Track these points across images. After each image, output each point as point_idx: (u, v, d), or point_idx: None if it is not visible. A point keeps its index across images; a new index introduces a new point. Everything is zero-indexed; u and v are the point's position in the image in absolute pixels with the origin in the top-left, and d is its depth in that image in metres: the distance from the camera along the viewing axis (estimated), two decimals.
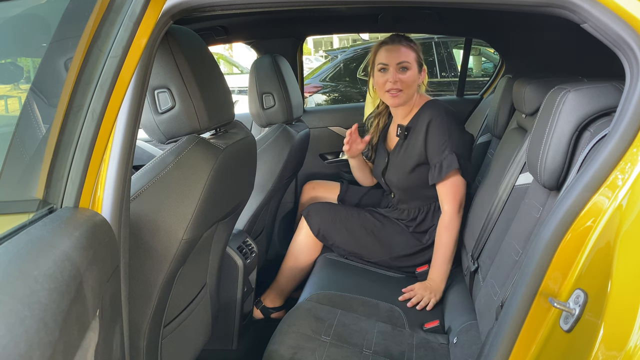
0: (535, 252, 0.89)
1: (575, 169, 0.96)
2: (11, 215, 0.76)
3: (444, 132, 1.72)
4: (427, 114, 1.77)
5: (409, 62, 1.77)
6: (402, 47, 1.78)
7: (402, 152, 1.85)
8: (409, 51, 1.78)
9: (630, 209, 0.76)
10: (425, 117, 1.77)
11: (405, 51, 1.78)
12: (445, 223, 1.74)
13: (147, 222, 1.01)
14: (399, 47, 1.78)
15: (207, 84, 1.12)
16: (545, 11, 0.87)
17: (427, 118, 1.76)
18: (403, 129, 1.83)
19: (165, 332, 1.17)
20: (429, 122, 1.74)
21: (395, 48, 1.78)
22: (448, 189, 1.74)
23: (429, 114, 1.76)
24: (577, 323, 0.77)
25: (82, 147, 0.76)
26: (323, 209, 1.91)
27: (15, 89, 1.11)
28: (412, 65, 1.78)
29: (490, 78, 2.90)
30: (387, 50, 1.80)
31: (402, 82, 1.77)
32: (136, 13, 0.80)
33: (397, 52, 1.78)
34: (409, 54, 1.78)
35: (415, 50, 1.80)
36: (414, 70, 1.78)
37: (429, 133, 1.74)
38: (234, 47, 11.96)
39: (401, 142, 1.86)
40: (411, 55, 1.78)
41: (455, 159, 1.69)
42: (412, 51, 1.79)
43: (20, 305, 0.50)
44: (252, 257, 1.78)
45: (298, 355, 1.30)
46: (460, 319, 1.48)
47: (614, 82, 1.01)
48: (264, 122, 2.08)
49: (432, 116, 1.75)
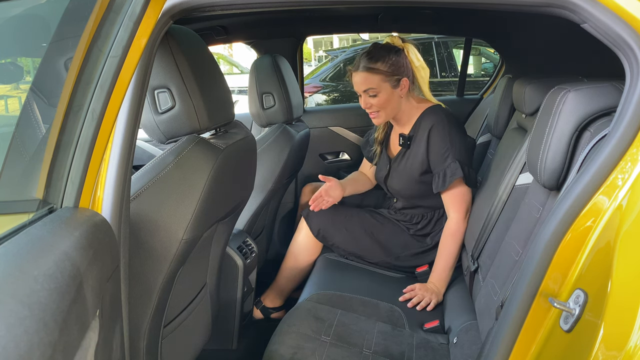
0: (535, 252, 0.89)
1: (575, 169, 0.96)
2: (11, 215, 0.76)
3: (445, 139, 1.69)
4: (428, 121, 1.73)
5: (374, 87, 1.70)
6: (364, 73, 1.70)
7: (404, 161, 1.83)
8: (371, 76, 1.69)
9: (630, 209, 0.76)
10: (426, 125, 1.74)
11: (367, 77, 1.70)
12: (451, 230, 1.72)
13: (147, 222, 1.01)
14: (360, 74, 1.71)
15: (207, 83, 1.12)
16: (545, 11, 0.87)
17: (427, 125, 1.72)
18: (405, 139, 1.80)
19: (165, 332, 1.17)
20: (430, 130, 1.71)
21: (357, 75, 1.73)
22: (453, 197, 1.72)
23: (430, 122, 1.73)
24: (577, 323, 0.77)
25: (82, 147, 0.76)
26: (323, 210, 1.91)
27: (15, 89, 1.11)
28: (380, 87, 1.70)
29: (490, 78, 2.91)
30: (352, 78, 1.75)
31: (375, 106, 1.73)
32: (136, 13, 0.80)
33: (359, 80, 1.72)
34: (372, 79, 1.70)
35: (381, 71, 1.69)
36: (384, 91, 1.71)
37: (430, 141, 1.71)
38: (234, 47, 11.95)
39: (403, 150, 1.83)
40: (375, 79, 1.69)
41: (459, 167, 1.66)
42: (376, 74, 1.69)
43: (20, 305, 0.50)
44: (252, 257, 1.78)
45: (298, 355, 1.30)
46: (460, 319, 1.48)
47: (614, 82, 1.01)
48: (264, 122, 2.08)
49: (432, 123, 1.71)
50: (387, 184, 1.92)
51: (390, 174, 1.89)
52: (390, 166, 1.89)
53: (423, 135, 1.73)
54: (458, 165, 1.66)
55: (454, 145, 1.69)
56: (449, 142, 1.69)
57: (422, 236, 1.87)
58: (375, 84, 1.70)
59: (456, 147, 1.69)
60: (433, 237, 1.84)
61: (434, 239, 1.83)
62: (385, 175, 1.91)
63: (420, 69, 1.77)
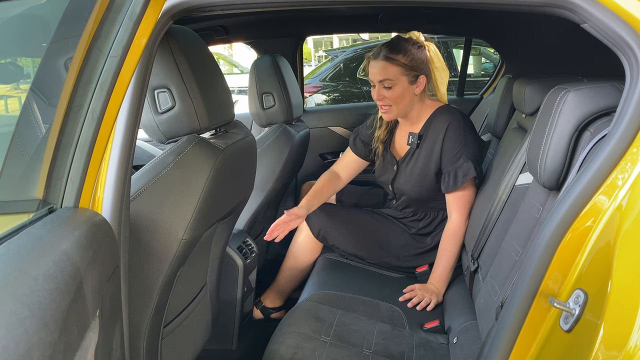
0: (535, 252, 0.89)
1: (575, 169, 0.96)
2: (11, 215, 0.76)
3: (459, 139, 1.66)
4: (443, 120, 1.69)
5: (391, 79, 1.64)
6: (383, 62, 1.65)
7: (413, 161, 1.77)
8: (391, 66, 1.64)
9: (630, 209, 0.76)
10: (440, 124, 1.69)
11: (386, 67, 1.64)
12: (453, 231, 1.71)
13: (147, 222, 1.01)
14: (379, 63, 1.65)
15: (207, 83, 1.12)
16: (545, 11, 0.87)
17: (442, 124, 1.68)
18: (415, 138, 1.74)
19: (165, 332, 1.17)
20: (447, 129, 1.67)
21: (375, 64, 1.67)
22: (460, 198, 1.70)
23: (445, 120, 1.68)
24: (577, 323, 0.77)
25: (82, 147, 0.76)
26: (323, 210, 1.90)
27: (15, 89, 1.11)
28: (397, 80, 1.65)
29: (490, 78, 2.91)
30: (370, 66, 1.69)
31: (388, 99, 1.68)
32: (136, 13, 0.80)
33: (376, 69, 1.66)
34: (390, 70, 1.64)
35: (400, 63, 1.64)
36: (400, 85, 1.65)
37: (445, 140, 1.67)
38: (234, 47, 11.96)
39: (412, 150, 1.77)
40: (393, 70, 1.64)
41: (472, 167, 1.63)
42: (396, 65, 1.64)
43: (20, 305, 0.50)
44: (252, 257, 1.78)
45: (298, 355, 1.30)
46: (460, 319, 1.48)
47: (614, 82, 1.01)
48: (264, 122, 2.08)
49: (448, 122, 1.67)
50: (393, 186, 1.86)
51: (397, 176, 1.84)
52: (398, 167, 1.84)
53: (438, 135, 1.69)
54: (471, 165, 1.64)
55: (468, 145, 1.66)
56: (463, 141, 1.66)
57: (423, 236, 1.86)
58: (393, 75, 1.64)
59: (470, 147, 1.66)
60: (433, 237, 1.84)
61: (435, 239, 1.83)
62: (393, 177, 1.85)
63: (440, 70, 1.74)
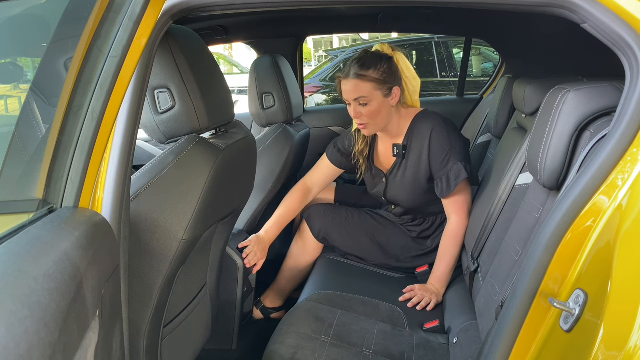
0: (535, 252, 0.89)
1: (575, 169, 0.96)
2: (11, 215, 0.76)
3: (445, 142, 1.64)
4: (425, 127, 1.67)
5: (366, 96, 1.61)
6: (355, 80, 1.61)
7: (402, 172, 1.76)
8: (363, 83, 1.61)
9: (630, 209, 0.76)
10: (423, 131, 1.67)
11: (358, 85, 1.61)
12: (453, 233, 1.70)
13: (147, 222, 1.01)
14: (351, 82, 1.62)
15: (207, 83, 1.12)
16: (545, 11, 0.87)
17: (426, 131, 1.67)
18: (401, 149, 1.73)
19: (165, 332, 1.17)
20: (430, 135, 1.65)
21: (347, 83, 1.63)
22: (456, 200, 1.69)
23: (428, 127, 1.67)
24: (577, 323, 0.77)
25: (82, 147, 0.76)
26: (324, 211, 1.90)
27: (15, 89, 1.11)
28: (372, 95, 1.61)
29: (490, 78, 2.91)
30: (342, 85, 1.66)
31: (365, 116, 1.64)
32: (136, 13, 0.80)
33: (349, 87, 1.63)
34: (363, 87, 1.61)
35: (372, 78, 1.61)
36: (376, 100, 1.62)
37: (431, 146, 1.66)
38: (234, 47, 11.96)
39: (399, 161, 1.76)
40: (366, 87, 1.61)
41: (463, 169, 1.63)
42: (368, 81, 1.60)
43: (20, 305, 0.50)
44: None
45: (298, 355, 1.30)
46: (460, 318, 1.48)
47: (614, 82, 1.01)
48: (264, 122, 2.08)
49: (431, 128, 1.66)
50: (386, 198, 1.85)
51: (388, 188, 1.82)
52: (387, 179, 1.82)
53: (422, 142, 1.68)
54: (461, 166, 1.63)
55: (454, 147, 1.65)
56: (449, 144, 1.65)
57: (423, 238, 1.86)
58: (367, 92, 1.62)
59: (456, 148, 1.66)
60: (434, 240, 1.84)
61: (435, 241, 1.83)
62: (384, 190, 1.84)
63: (411, 79, 1.72)
